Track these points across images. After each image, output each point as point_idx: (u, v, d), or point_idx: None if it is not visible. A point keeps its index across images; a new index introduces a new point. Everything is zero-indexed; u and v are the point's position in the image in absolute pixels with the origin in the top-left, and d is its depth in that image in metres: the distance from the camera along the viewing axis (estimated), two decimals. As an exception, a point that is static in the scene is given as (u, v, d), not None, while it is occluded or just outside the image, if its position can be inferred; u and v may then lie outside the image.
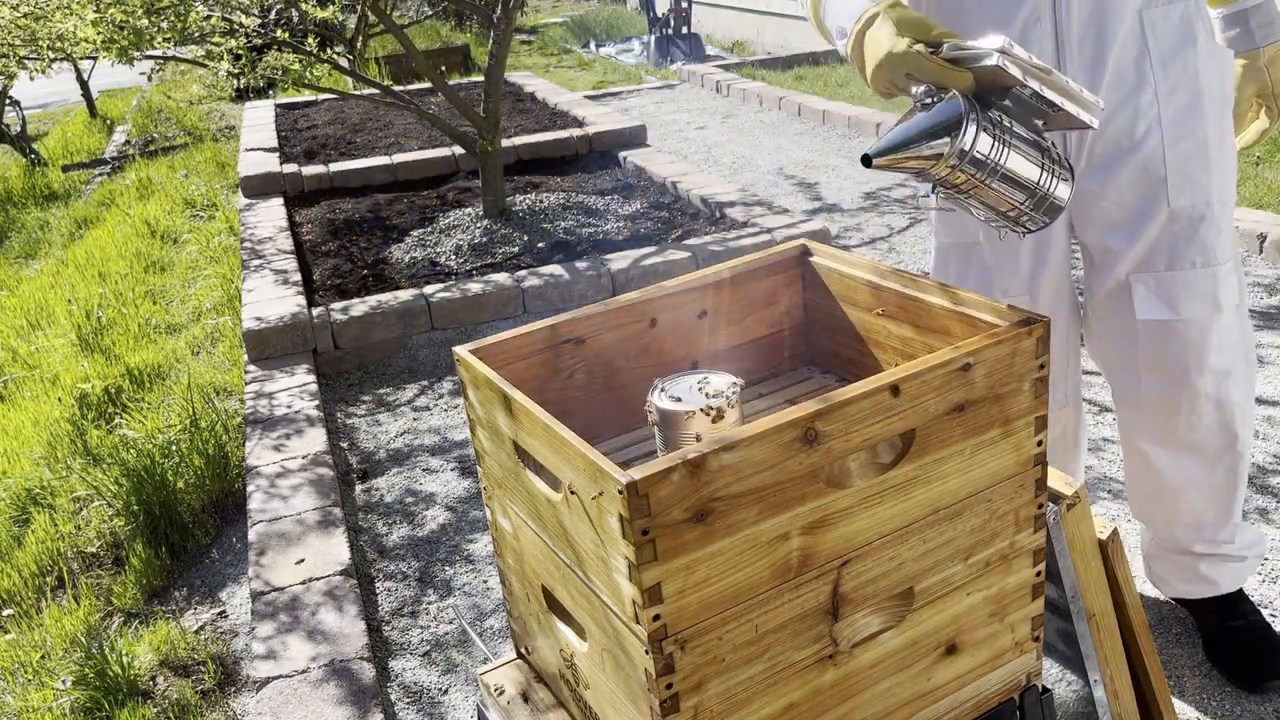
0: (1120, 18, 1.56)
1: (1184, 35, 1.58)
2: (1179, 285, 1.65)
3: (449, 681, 2.14)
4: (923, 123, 1.21)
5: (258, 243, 4.60)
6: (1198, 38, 1.58)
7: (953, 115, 1.19)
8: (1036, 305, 1.79)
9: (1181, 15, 1.57)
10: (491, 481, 1.30)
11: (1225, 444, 1.75)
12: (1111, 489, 2.51)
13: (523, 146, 5.72)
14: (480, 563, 2.51)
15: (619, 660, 1.08)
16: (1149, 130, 1.60)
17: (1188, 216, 1.63)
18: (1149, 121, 1.60)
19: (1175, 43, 1.58)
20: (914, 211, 4.72)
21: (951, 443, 1.11)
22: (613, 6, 13.29)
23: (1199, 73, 1.59)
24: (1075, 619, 1.38)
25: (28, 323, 4.58)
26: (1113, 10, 1.55)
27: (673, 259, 3.94)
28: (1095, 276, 1.75)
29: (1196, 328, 1.66)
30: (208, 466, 2.91)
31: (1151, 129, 1.60)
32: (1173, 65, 1.58)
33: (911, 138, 1.21)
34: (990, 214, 1.30)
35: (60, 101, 12.01)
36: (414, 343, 3.73)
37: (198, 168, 6.72)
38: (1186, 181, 1.62)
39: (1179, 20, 1.57)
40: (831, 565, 1.08)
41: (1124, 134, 1.62)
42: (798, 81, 7.70)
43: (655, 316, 1.38)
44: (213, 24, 4.16)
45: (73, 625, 2.42)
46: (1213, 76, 1.61)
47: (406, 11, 11.25)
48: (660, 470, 0.95)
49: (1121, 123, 1.61)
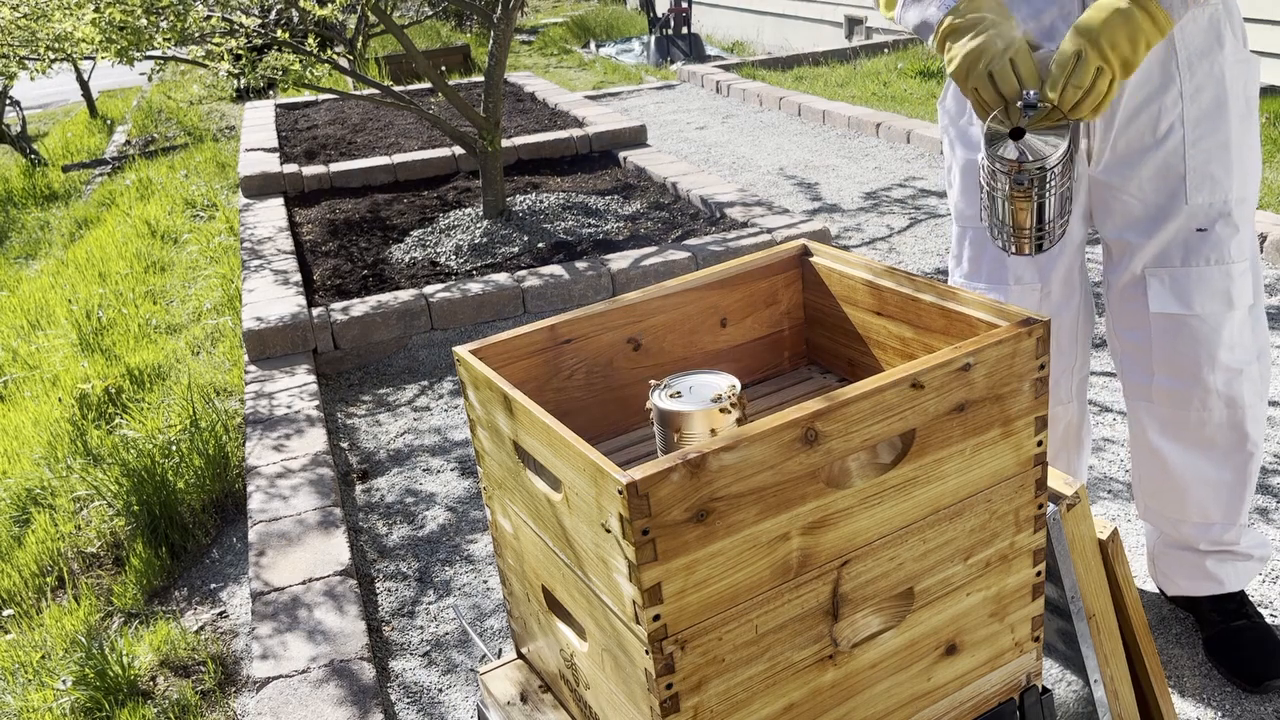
0: None
1: (1212, 38, 1.61)
2: (1193, 281, 1.67)
3: (449, 681, 2.14)
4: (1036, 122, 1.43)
5: (258, 243, 4.61)
6: (1225, 41, 1.61)
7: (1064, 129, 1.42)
8: (1049, 295, 1.81)
9: (1210, 18, 1.60)
10: (491, 481, 1.30)
11: (1235, 442, 1.76)
12: (1111, 489, 2.51)
13: (523, 146, 5.72)
14: (480, 563, 2.51)
15: (619, 660, 1.08)
16: (1172, 128, 1.63)
17: (1205, 214, 1.65)
18: (1172, 120, 1.63)
19: (1203, 45, 1.60)
20: (914, 211, 4.72)
21: (951, 443, 1.11)
22: (613, 6, 13.29)
23: (1225, 75, 1.62)
24: (1075, 619, 1.38)
25: (28, 323, 4.58)
26: None
27: (673, 259, 3.94)
28: (1113, 270, 1.78)
29: (1209, 324, 1.68)
30: (208, 466, 2.91)
31: (1175, 127, 1.63)
32: (1199, 66, 1.61)
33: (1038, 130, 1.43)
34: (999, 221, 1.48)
35: (60, 101, 12.02)
36: (414, 343, 3.73)
37: (198, 168, 6.72)
38: (1206, 180, 1.64)
39: (1207, 23, 1.60)
40: (831, 565, 1.08)
41: (1147, 131, 1.64)
42: (798, 81, 7.70)
43: (655, 317, 1.38)
44: (213, 24, 4.16)
45: (73, 625, 2.43)
46: (1238, 80, 1.63)
47: (406, 11, 11.26)
48: (660, 470, 0.95)
49: (1145, 120, 1.64)
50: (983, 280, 1.81)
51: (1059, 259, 1.79)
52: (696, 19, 10.46)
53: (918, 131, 5.71)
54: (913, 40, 8.39)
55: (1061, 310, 1.83)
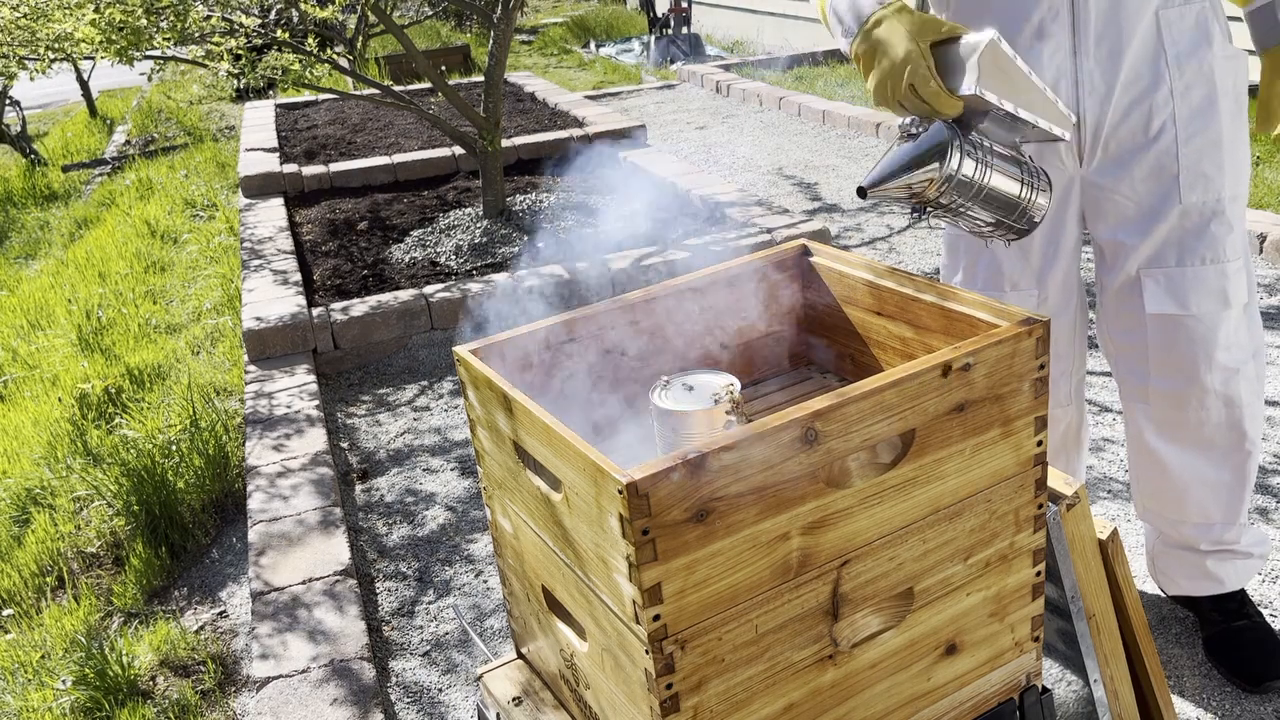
0: (1138, 16, 1.58)
1: (1200, 36, 1.60)
2: (1188, 281, 1.67)
3: (449, 681, 2.14)
4: (911, 152, 1.29)
5: (258, 243, 4.60)
6: (1214, 38, 1.61)
7: (938, 143, 1.28)
8: (1045, 299, 1.80)
9: (1197, 16, 1.60)
10: (491, 481, 1.30)
11: (1234, 442, 1.76)
12: (1111, 489, 2.51)
13: (523, 146, 5.72)
14: (480, 563, 2.51)
15: (619, 660, 1.08)
16: (1163, 127, 1.62)
17: (1199, 213, 1.65)
18: (1164, 119, 1.62)
19: (1191, 43, 1.60)
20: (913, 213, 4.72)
21: (951, 443, 1.11)
22: (613, 6, 13.29)
23: (1214, 72, 1.61)
24: (1075, 619, 1.38)
25: (28, 323, 4.58)
26: (1130, 9, 1.57)
27: (673, 259, 3.94)
28: (1106, 272, 1.77)
29: (1205, 324, 1.67)
30: (208, 466, 2.91)
31: (1166, 126, 1.62)
32: (1188, 64, 1.60)
33: (902, 167, 1.29)
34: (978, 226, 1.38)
35: (60, 101, 12.01)
36: (414, 343, 3.73)
37: (198, 168, 6.72)
38: (1199, 178, 1.64)
39: (1195, 21, 1.60)
40: (831, 565, 1.08)
41: (1139, 130, 1.64)
42: (798, 81, 7.70)
43: (655, 316, 1.38)
44: (213, 24, 4.16)
45: (73, 625, 2.42)
46: (1227, 77, 1.63)
47: (406, 11, 11.26)
48: (660, 470, 0.95)
49: (1136, 119, 1.63)
50: (979, 288, 1.80)
51: (1055, 264, 1.78)
52: (696, 19, 10.46)
53: (918, 131, 5.70)
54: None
55: (1059, 314, 1.82)
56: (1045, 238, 1.75)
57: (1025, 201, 1.35)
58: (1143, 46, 1.59)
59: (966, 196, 1.30)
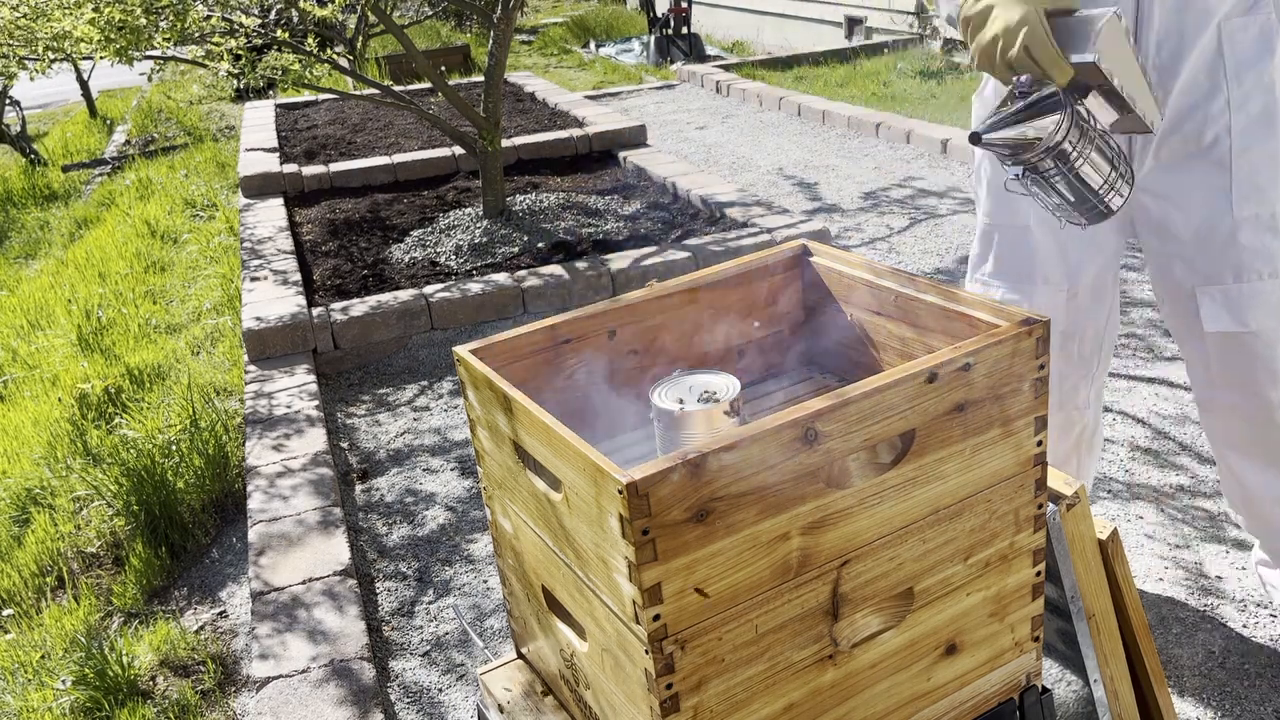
0: (1201, 26, 1.54)
1: (1262, 47, 1.57)
2: (1247, 297, 1.62)
3: (449, 681, 2.14)
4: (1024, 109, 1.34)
5: (258, 243, 4.60)
6: (1276, 50, 1.57)
7: (1052, 104, 1.32)
8: (1076, 297, 1.76)
9: (1261, 28, 1.56)
10: (491, 481, 1.30)
11: None
12: (1111, 489, 2.51)
13: (523, 146, 5.72)
14: (480, 563, 2.51)
15: (619, 660, 1.08)
16: (1218, 138, 1.59)
17: (1253, 227, 1.60)
18: (1218, 129, 1.58)
19: (1253, 54, 1.56)
20: (913, 211, 4.72)
21: (951, 443, 1.11)
22: (613, 6, 13.29)
23: (1274, 84, 1.57)
24: (1075, 619, 1.38)
25: (28, 323, 4.58)
26: (1193, 17, 1.54)
27: (673, 259, 3.94)
28: (1161, 283, 1.73)
29: (1264, 340, 1.64)
30: (208, 466, 2.91)
31: (1220, 137, 1.59)
32: (1247, 76, 1.57)
33: (1015, 121, 1.33)
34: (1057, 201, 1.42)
35: (60, 101, 12.01)
36: (414, 343, 3.73)
37: (198, 168, 6.72)
38: (1253, 190, 1.59)
39: (1258, 32, 1.56)
40: (831, 565, 1.08)
41: (1191, 139, 1.60)
42: (798, 81, 7.70)
43: (655, 317, 1.38)
44: (212, 24, 4.16)
45: (73, 625, 2.42)
46: None
47: (406, 11, 11.25)
48: (660, 470, 0.95)
49: (1190, 128, 1.60)
50: (1009, 279, 1.76)
51: (1090, 263, 1.73)
52: (696, 19, 10.45)
53: (917, 131, 5.71)
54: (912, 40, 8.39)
55: (1088, 316, 1.78)
56: (1084, 235, 1.70)
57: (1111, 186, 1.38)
58: (1202, 56, 1.56)
59: (1064, 163, 1.34)
